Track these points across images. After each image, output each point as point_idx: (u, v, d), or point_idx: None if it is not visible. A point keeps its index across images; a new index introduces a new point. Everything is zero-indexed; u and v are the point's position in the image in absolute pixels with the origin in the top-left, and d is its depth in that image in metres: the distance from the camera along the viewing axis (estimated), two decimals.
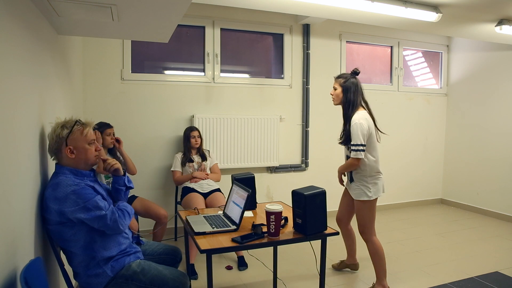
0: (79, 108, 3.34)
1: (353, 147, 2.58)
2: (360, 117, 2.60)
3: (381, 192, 2.70)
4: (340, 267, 3.17)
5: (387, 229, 4.28)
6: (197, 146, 3.59)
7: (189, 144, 3.57)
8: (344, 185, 2.92)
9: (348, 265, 3.15)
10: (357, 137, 2.54)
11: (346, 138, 2.68)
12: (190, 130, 3.63)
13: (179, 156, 3.59)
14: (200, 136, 3.63)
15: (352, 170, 2.71)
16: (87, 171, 1.84)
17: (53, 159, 1.86)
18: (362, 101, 2.71)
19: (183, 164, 3.54)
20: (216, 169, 3.69)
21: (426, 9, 3.25)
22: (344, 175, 2.86)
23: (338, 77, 2.74)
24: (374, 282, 2.76)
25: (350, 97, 2.65)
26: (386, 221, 4.59)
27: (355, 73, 2.70)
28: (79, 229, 1.71)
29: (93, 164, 1.87)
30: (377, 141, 2.71)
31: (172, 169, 3.57)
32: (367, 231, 2.70)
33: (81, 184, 1.72)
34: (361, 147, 2.55)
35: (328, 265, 2.26)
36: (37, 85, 1.80)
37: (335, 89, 2.72)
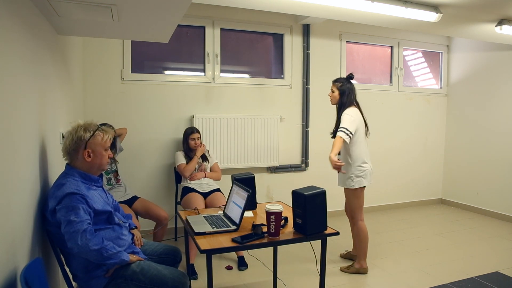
0: (79, 108, 3.34)
1: (339, 128, 2.88)
2: (349, 110, 2.96)
3: (365, 183, 2.98)
4: (346, 256, 3.37)
5: (387, 229, 4.27)
6: (196, 148, 3.57)
7: (188, 146, 3.55)
8: (341, 170, 2.91)
9: (353, 255, 3.28)
10: (345, 122, 2.88)
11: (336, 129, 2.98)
12: (190, 131, 3.56)
13: (181, 153, 3.58)
14: (200, 138, 3.58)
15: (337, 152, 2.87)
16: (96, 176, 1.89)
17: (65, 159, 1.87)
18: (354, 101, 3.05)
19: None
20: (216, 168, 3.69)
21: (426, 9, 3.25)
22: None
23: (336, 81, 3.09)
24: (354, 261, 3.14)
25: (344, 99, 3.01)
26: (386, 221, 4.59)
27: (350, 77, 3.06)
28: None
29: (104, 170, 1.93)
30: (366, 136, 3.07)
31: (177, 164, 3.51)
32: (355, 216, 3.07)
33: (83, 194, 1.72)
34: (346, 131, 2.84)
35: (328, 264, 2.28)
36: (37, 85, 1.80)
37: (332, 91, 3.08)
